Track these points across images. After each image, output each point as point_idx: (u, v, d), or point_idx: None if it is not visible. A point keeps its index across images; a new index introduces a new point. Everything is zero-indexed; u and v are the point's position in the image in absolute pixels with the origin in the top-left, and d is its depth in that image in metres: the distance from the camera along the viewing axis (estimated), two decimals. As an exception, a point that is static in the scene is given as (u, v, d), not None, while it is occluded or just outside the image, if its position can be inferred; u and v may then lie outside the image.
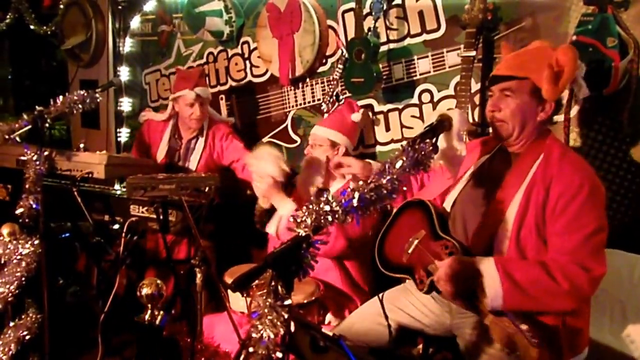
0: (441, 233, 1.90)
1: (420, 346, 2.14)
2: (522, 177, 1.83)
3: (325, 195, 1.42)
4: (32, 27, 5.11)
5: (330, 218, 1.39)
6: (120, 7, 4.23)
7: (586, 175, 1.77)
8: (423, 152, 1.56)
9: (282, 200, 2.44)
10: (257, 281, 1.37)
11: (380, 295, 1.99)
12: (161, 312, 1.47)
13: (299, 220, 1.37)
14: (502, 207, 1.83)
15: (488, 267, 1.73)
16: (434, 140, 1.66)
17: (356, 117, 2.67)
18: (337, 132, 2.61)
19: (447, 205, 2.01)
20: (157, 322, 1.44)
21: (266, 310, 1.30)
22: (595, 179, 1.79)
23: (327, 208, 1.40)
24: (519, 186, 1.82)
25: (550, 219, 1.77)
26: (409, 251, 1.94)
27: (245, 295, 2.28)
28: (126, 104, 4.19)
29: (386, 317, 1.91)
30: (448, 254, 1.83)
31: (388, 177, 1.49)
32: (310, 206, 1.39)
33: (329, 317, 2.46)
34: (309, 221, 1.37)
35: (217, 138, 3.23)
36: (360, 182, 1.46)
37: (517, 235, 1.80)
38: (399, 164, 1.51)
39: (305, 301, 2.28)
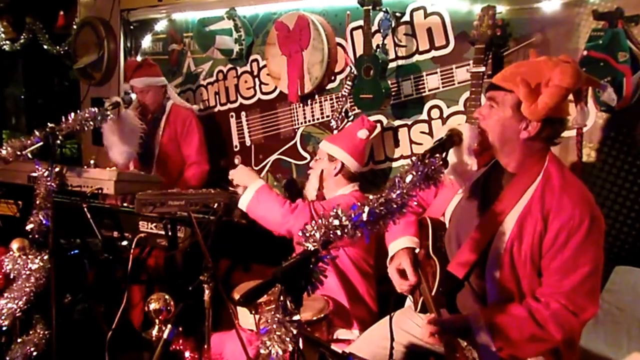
0: (431, 252, 1.87)
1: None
2: (515, 199, 1.75)
3: (335, 210, 1.40)
4: (45, 47, 5.20)
5: (339, 232, 1.37)
6: (131, 27, 4.30)
7: (587, 210, 1.67)
8: (433, 167, 1.54)
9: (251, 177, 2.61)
10: (265, 297, 1.35)
11: (391, 314, 1.95)
12: (169, 326, 1.45)
13: (307, 234, 1.35)
14: (493, 228, 1.76)
15: (480, 331, 1.69)
16: (443, 155, 1.64)
17: (362, 133, 2.64)
18: (338, 147, 2.61)
19: (447, 216, 1.97)
20: (165, 336, 1.42)
21: (275, 326, 1.28)
22: (595, 212, 1.70)
23: (336, 222, 1.38)
24: (512, 207, 1.75)
25: (547, 253, 1.70)
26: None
27: (253, 312, 2.26)
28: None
29: (392, 338, 1.86)
30: (432, 275, 1.81)
31: (398, 192, 1.47)
32: (320, 220, 1.38)
33: (338, 332, 2.43)
34: (317, 235, 1.35)
35: (180, 117, 3.56)
36: (371, 197, 1.45)
37: (511, 262, 1.74)
38: (408, 179, 1.50)
39: (314, 318, 2.26)
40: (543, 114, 1.67)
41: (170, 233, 2.68)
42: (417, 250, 1.94)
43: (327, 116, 3.24)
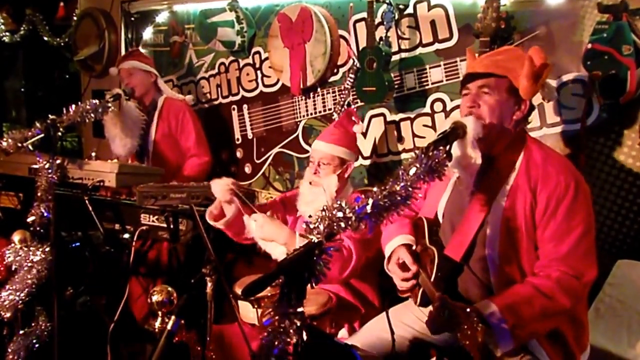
0: (428, 244, 1.90)
1: (434, 359, 2.10)
2: (503, 179, 1.81)
3: (339, 202, 1.40)
4: (45, 38, 5.17)
5: (343, 224, 1.37)
6: (132, 19, 4.27)
7: (571, 175, 1.76)
8: (437, 160, 1.54)
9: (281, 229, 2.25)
10: (269, 290, 1.35)
11: (388, 309, 1.96)
12: (172, 318, 1.45)
13: (311, 226, 1.35)
14: (485, 209, 1.81)
15: (492, 315, 1.67)
16: (447, 147, 1.64)
17: (358, 129, 2.56)
18: (345, 148, 2.45)
19: (440, 210, 1.99)
20: (169, 327, 1.42)
21: (278, 318, 1.28)
22: (579, 177, 1.78)
23: (340, 214, 1.38)
24: (501, 187, 1.80)
25: (540, 223, 1.75)
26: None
27: (256, 306, 2.26)
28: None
29: (391, 331, 1.88)
30: (430, 262, 1.84)
31: (402, 184, 1.47)
32: (323, 212, 1.37)
33: (342, 332, 2.42)
34: (321, 227, 1.35)
35: (172, 111, 3.49)
36: (375, 189, 1.45)
37: (508, 239, 1.77)
38: (412, 171, 1.49)
39: (317, 312, 2.26)
40: (537, 92, 1.81)
41: (172, 226, 2.68)
42: (413, 247, 1.95)
43: (330, 109, 3.23)
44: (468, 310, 1.58)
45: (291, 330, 1.26)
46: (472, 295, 1.85)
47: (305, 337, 1.27)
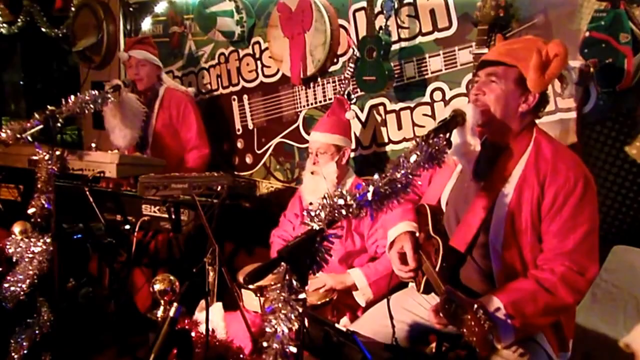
0: (432, 233, 1.90)
1: (434, 344, 2.12)
2: (510, 170, 1.81)
3: (339, 189, 1.41)
4: (43, 29, 5.15)
5: (344, 212, 1.38)
6: (131, 9, 4.26)
7: (580, 171, 1.76)
8: (437, 147, 1.55)
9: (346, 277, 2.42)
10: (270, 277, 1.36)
11: (388, 297, 1.98)
12: (175, 305, 1.47)
13: (313, 213, 1.36)
14: (491, 200, 1.81)
15: (498, 311, 1.68)
16: (447, 135, 1.65)
17: (350, 115, 2.69)
18: (340, 135, 2.58)
19: (444, 199, 2.00)
20: (171, 314, 1.44)
21: (280, 305, 1.29)
22: (587, 173, 1.78)
23: (341, 202, 1.39)
24: (507, 178, 1.80)
25: (546, 217, 1.75)
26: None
27: (259, 295, 2.28)
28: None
29: (391, 318, 1.90)
30: (435, 252, 1.85)
31: (402, 172, 1.48)
32: (325, 200, 1.38)
33: (344, 319, 2.45)
34: (323, 215, 1.36)
35: (174, 101, 3.49)
36: (376, 176, 1.46)
37: (512, 231, 1.78)
38: (413, 158, 1.51)
39: (319, 302, 2.27)
40: (546, 85, 1.76)
41: (173, 216, 2.69)
42: (417, 234, 1.97)
43: (330, 99, 3.23)
44: (475, 306, 1.58)
45: (293, 317, 1.28)
46: (474, 284, 1.87)
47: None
